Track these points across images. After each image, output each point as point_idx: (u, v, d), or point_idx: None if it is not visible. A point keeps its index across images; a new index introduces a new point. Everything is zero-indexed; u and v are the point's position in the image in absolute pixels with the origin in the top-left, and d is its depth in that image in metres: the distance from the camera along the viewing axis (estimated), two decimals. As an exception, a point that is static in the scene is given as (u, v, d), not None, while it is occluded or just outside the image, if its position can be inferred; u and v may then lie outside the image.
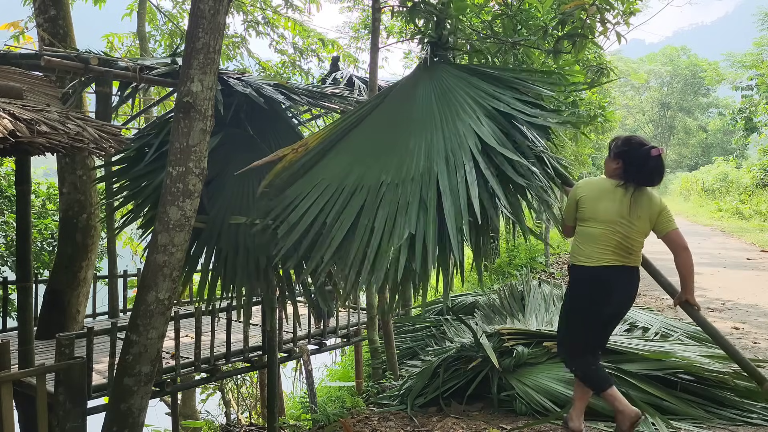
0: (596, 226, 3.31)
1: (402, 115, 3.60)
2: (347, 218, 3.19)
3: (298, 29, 10.92)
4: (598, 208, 3.32)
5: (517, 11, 5.49)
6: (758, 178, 22.79)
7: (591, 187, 3.42)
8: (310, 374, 5.40)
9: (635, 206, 3.29)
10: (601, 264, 3.29)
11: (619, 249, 3.29)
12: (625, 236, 3.29)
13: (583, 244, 3.36)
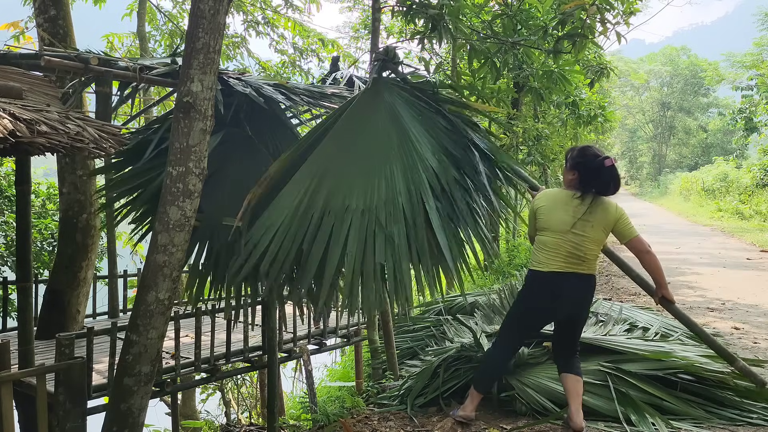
0: (550, 236, 3.54)
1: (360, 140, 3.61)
2: (320, 244, 3.25)
3: (298, 29, 10.93)
4: (551, 219, 3.54)
5: (517, 11, 5.49)
6: (758, 178, 22.78)
7: (548, 198, 3.64)
8: (310, 374, 5.40)
9: (588, 216, 3.48)
10: (552, 270, 3.52)
11: (570, 257, 3.50)
12: (576, 245, 3.49)
13: (539, 251, 3.60)
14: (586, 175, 3.51)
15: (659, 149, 49.15)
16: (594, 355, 4.34)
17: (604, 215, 3.51)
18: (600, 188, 3.51)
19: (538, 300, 3.65)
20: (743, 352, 5.47)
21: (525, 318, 3.78)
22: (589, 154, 3.55)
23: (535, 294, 3.65)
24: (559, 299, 3.56)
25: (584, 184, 3.52)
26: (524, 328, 3.84)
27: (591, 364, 4.23)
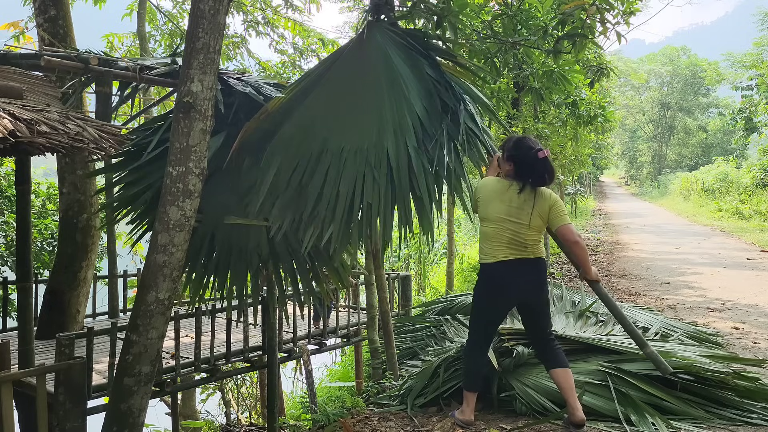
0: (489, 226, 3.66)
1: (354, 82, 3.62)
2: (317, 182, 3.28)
3: (298, 29, 10.92)
4: (489, 209, 3.66)
5: (517, 11, 5.49)
6: (758, 178, 22.78)
7: (487, 189, 3.71)
8: (310, 374, 5.40)
9: (523, 204, 3.60)
10: (498, 260, 3.62)
11: (512, 244, 3.61)
12: (515, 232, 3.60)
13: (483, 243, 3.72)
14: (522, 166, 3.63)
15: (659, 149, 49.17)
16: (594, 355, 4.35)
17: (539, 202, 3.62)
18: (535, 180, 3.62)
19: (492, 292, 3.73)
20: (743, 352, 5.47)
21: (486, 313, 3.83)
22: (523, 146, 3.66)
23: (488, 287, 3.74)
24: (511, 287, 3.66)
25: (520, 175, 3.63)
26: (489, 322, 3.88)
27: (591, 364, 4.23)
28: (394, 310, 6.77)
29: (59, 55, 4.38)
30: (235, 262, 3.73)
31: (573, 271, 11.37)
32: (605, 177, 56.52)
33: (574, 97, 9.92)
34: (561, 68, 5.78)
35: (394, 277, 6.73)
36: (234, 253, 3.71)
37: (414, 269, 13.80)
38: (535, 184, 3.62)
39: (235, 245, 3.72)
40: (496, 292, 3.73)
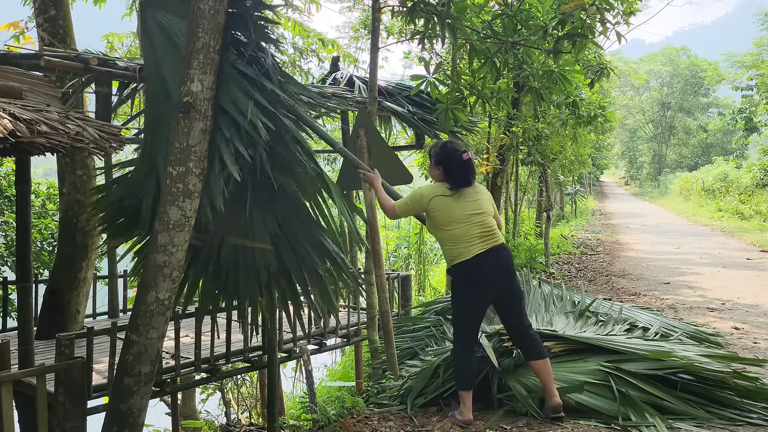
0: (457, 227, 3.80)
1: None
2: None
3: (298, 29, 10.92)
4: (453, 212, 3.81)
5: (517, 11, 5.49)
6: (758, 178, 22.78)
7: (438, 198, 3.87)
8: (310, 374, 5.40)
9: (476, 195, 3.89)
10: (475, 254, 3.77)
11: (482, 236, 3.80)
12: (482, 224, 3.82)
13: (452, 246, 3.84)
14: (449, 169, 3.88)
15: (659, 149, 49.17)
16: (594, 355, 4.34)
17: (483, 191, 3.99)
18: (463, 180, 3.87)
19: (473, 287, 3.83)
20: (743, 352, 5.47)
21: (469, 309, 3.92)
22: (448, 149, 3.95)
23: (469, 283, 3.84)
24: (491, 274, 3.79)
25: (451, 177, 3.88)
26: (473, 319, 3.96)
27: (591, 364, 4.23)
28: (394, 310, 6.77)
29: (59, 55, 4.39)
30: (243, 276, 3.66)
31: (573, 271, 11.37)
32: (605, 177, 56.51)
33: (574, 97, 9.92)
34: (561, 68, 5.78)
35: (394, 277, 6.73)
36: (241, 268, 3.65)
37: (414, 269, 13.80)
38: (463, 184, 3.87)
39: (242, 260, 3.66)
40: (479, 285, 3.82)
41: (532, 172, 15.23)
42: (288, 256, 3.68)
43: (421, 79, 5.73)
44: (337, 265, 3.84)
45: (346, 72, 7.14)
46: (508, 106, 6.76)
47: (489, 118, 10.24)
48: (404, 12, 5.22)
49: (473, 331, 4.00)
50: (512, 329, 4.06)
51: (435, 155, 3.99)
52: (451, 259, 3.88)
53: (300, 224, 3.83)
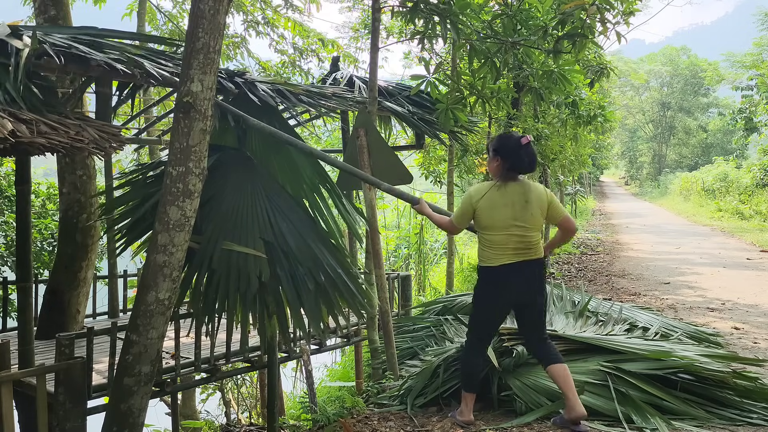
0: (495, 233, 3.67)
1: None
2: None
3: (298, 29, 10.92)
4: (494, 216, 3.67)
5: (517, 11, 5.49)
6: (758, 178, 22.78)
7: (486, 198, 3.71)
8: (310, 374, 5.40)
9: (526, 205, 3.66)
10: (503, 263, 3.66)
11: (517, 249, 3.66)
12: (521, 236, 3.66)
13: (486, 249, 3.73)
14: (507, 156, 3.69)
15: (659, 149, 49.17)
16: (594, 355, 4.34)
17: (538, 200, 3.69)
18: (522, 167, 3.69)
19: (494, 294, 3.76)
20: (743, 352, 5.47)
21: (487, 314, 3.85)
22: (506, 137, 3.85)
23: (490, 289, 3.77)
24: (514, 288, 3.70)
25: (508, 167, 3.70)
26: (489, 324, 3.91)
27: (591, 364, 4.23)
28: (394, 310, 6.77)
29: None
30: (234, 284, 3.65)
31: (573, 271, 11.37)
32: (605, 177, 56.52)
33: (574, 97, 9.92)
34: (561, 68, 5.78)
35: (394, 277, 6.73)
36: (233, 276, 3.64)
37: (414, 269, 13.80)
38: (521, 170, 3.71)
39: (234, 267, 3.65)
40: (500, 294, 3.74)
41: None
42: (281, 266, 3.68)
43: (421, 79, 5.73)
44: (332, 283, 3.83)
45: (346, 72, 7.14)
46: (508, 106, 6.75)
47: (489, 118, 10.23)
48: (404, 12, 5.22)
49: (486, 334, 3.95)
50: (529, 337, 3.96)
51: (492, 146, 3.83)
52: (481, 260, 3.80)
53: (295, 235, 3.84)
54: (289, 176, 4.36)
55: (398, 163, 5.59)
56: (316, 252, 3.85)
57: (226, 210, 3.79)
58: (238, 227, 3.75)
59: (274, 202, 3.93)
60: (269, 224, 3.81)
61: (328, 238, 4.07)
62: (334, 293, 3.86)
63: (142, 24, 9.78)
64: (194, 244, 3.41)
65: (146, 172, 4.06)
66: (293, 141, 4.21)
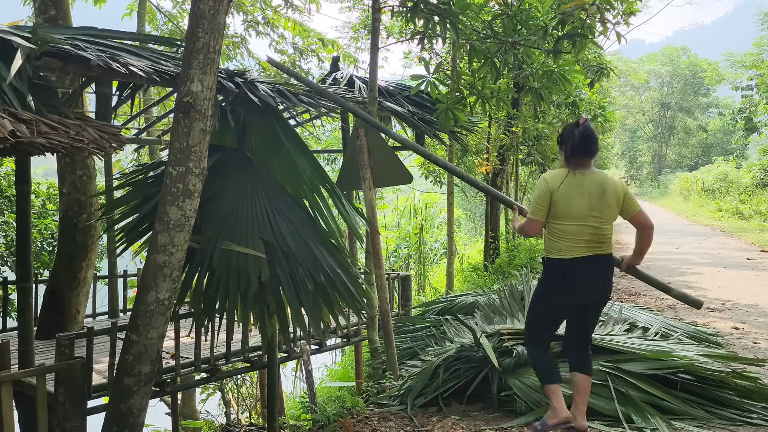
0: (569, 223, 3.46)
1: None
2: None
3: (298, 29, 10.92)
4: (571, 206, 3.46)
5: (517, 11, 5.49)
6: (758, 178, 22.79)
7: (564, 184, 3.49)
8: (310, 374, 5.40)
9: (603, 195, 3.46)
10: (574, 256, 3.46)
11: (590, 242, 3.47)
12: (596, 229, 3.46)
13: (557, 240, 3.51)
14: (568, 140, 3.53)
15: (659, 149, 49.15)
16: (594, 355, 4.34)
17: (614, 191, 3.48)
18: (581, 147, 3.47)
19: (560, 288, 3.54)
20: (743, 352, 5.47)
21: (545, 308, 3.66)
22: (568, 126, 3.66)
23: (557, 283, 3.55)
24: (583, 284, 3.49)
25: (569, 149, 3.51)
26: (545, 318, 3.70)
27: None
28: (394, 310, 6.77)
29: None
30: (234, 285, 3.65)
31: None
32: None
33: (574, 97, 9.92)
34: (561, 68, 5.78)
35: (394, 277, 6.73)
36: (233, 276, 3.63)
37: (414, 269, 13.80)
38: (585, 153, 3.48)
39: (234, 267, 3.65)
40: (567, 288, 3.51)
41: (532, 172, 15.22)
42: (281, 266, 3.68)
43: (421, 79, 5.73)
44: (332, 283, 3.84)
45: (346, 72, 7.14)
46: (508, 106, 6.75)
47: (489, 118, 10.24)
48: (404, 12, 5.22)
49: (542, 329, 3.74)
50: (570, 339, 3.75)
51: (559, 136, 3.68)
52: (549, 251, 3.56)
53: (294, 235, 3.85)
54: (288, 176, 4.35)
55: (398, 163, 5.59)
56: (316, 252, 3.85)
57: (226, 210, 3.79)
58: (238, 227, 3.75)
59: (273, 203, 3.93)
60: (269, 224, 3.82)
61: (328, 239, 4.07)
62: (333, 293, 3.86)
63: (142, 24, 9.79)
64: (194, 244, 3.41)
65: (147, 173, 4.06)
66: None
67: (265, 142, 4.37)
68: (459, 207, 18.66)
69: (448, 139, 8.44)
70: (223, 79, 4.21)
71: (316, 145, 13.28)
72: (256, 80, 4.54)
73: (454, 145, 9.11)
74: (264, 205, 3.89)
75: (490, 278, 10.57)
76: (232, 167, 4.00)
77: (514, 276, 8.85)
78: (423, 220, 14.09)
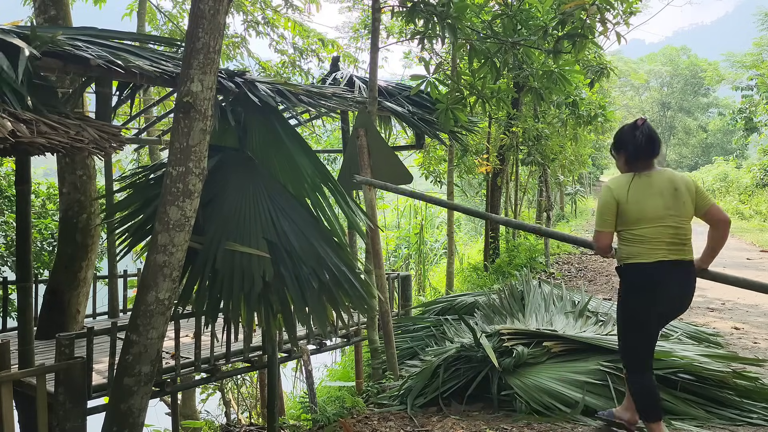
0: (647, 226, 3.21)
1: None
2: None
3: (298, 29, 10.92)
4: (644, 208, 3.22)
5: (517, 11, 5.49)
6: (758, 178, 22.80)
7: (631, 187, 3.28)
8: (310, 374, 5.40)
9: (676, 193, 3.23)
10: (657, 260, 3.18)
11: (672, 245, 3.20)
12: (676, 229, 3.21)
13: (636, 245, 3.24)
14: (628, 145, 3.32)
15: (659, 149, 49.18)
16: (594, 355, 4.35)
17: (686, 187, 3.28)
18: (644, 150, 3.28)
19: (642, 297, 3.23)
20: (743, 352, 5.47)
21: (637, 324, 3.29)
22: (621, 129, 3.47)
23: (638, 291, 3.25)
24: (669, 291, 3.21)
25: (631, 153, 3.31)
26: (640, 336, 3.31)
27: (591, 364, 4.23)
28: (394, 310, 6.77)
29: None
30: (238, 285, 3.64)
31: (573, 271, 11.36)
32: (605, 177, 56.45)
33: (574, 97, 9.93)
34: (561, 68, 5.78)
35: (394, 277, 6.73)
36: (236, 276, 3.63)
37: (414, 269, 13.80)
38: (648, 155, 3.29)
39: (238, 267, 3.65)
40: (651, 296, 3.22)
41: (532, 172, 15.23)
42: (285, 266, 3.68)
43: (421, 79, 5.73)
44: (337, 281, 3.84)
45: (346, 72, 7.14)
46: (508, 106, 6.76)
47: (489, 118, 10.24)
48: (404, 12, 5.23)
49: (641, 351, 3.32)
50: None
51: (612, 146, 3.49)
52: (626, 257, 3.26)
53: (298, 234, 3.85)
54: (290, 175, 4.36)
55: (398, 163, 5.59)
56: (320, 251, 3.85)
57: (228, 211, 3.79)
58: (241, 227, 3.75)
59: (276, 202, 3.93)
60: (272, 224, 3.81)
61: (331, 237, 4.07)
62: (338, 291, 3.86)
63: (142, 24, 9.79)
64: (195, 244, 3.41)
65: (148, 174, 4.07)
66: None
67: (266, 142, 4.37)
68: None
69: (448, 139, 8.44)
70: (223, 79, 4.21)
71: (316, 145, 13.29)
72: (256, 80, 4.54)
73: (454, 145, 9.11)
74: (266, 205, 3.89)
75: (490, 278, 10.57)
76: (233, 167, 4.00)
77: (514, 276, 8.85)
78: (423, 220, 14.09)
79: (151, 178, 4.02)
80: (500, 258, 11.48)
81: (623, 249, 3.29)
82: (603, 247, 3.36)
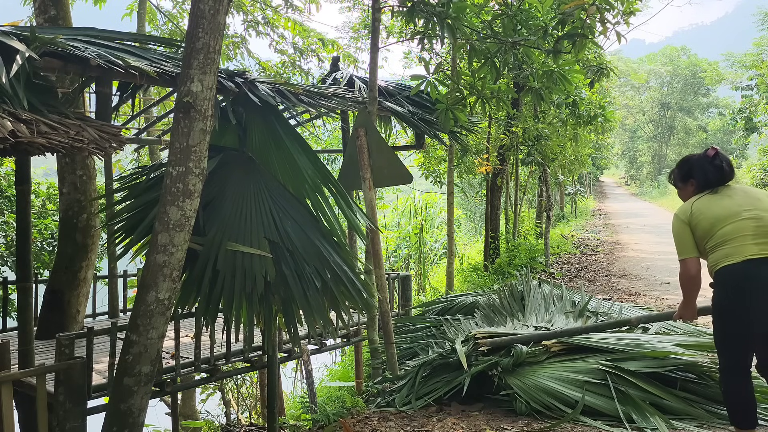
0: (724, 225, 3.09)
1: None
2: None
3: (298, 29, 10.92)
4: (715, 212, 3.13)
5: (517, 11, 5.49)
6: (758, 178, 22.77)
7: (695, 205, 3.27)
8: (310, 374, 5.40)
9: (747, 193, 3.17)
10: (746, 258, 3.00)
11: (758, 236, 3.01)
12: (758, 219, 3.04)
13: (719, 249, 3.11)
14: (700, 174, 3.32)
15: (659, 149, 49.17)
16: (594, 355, 4.35)
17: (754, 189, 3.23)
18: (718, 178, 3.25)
19: (734, 300, 3.05)
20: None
21: (731, 331, 3.11)
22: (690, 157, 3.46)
23: (730, 294, 3.07)
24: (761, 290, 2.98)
25: (703, 183, 3.28)
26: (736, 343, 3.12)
27: (591, 364, 4.23)
28: (394, 310, 6.77)
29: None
30: (240, 285, 3.63)
31: (573, 271, 11.36)
32: (605, 177, 56.51)
33: (574, 97, 9.92)
34: (561, 68, 5.78)
35: (394, 277, 6.73)
36: (238, 276, 3.62)
37: (414, 269, 13.80)
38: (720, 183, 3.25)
39: (239, 267, 3.64)
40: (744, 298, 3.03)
41: (532, 172, 15.23)
42: (287, 265, 3.68)
43: (421, 79, 5.73)
44: (339, 280, 3.84)
45: (346, 72, 7.13)
46: (508, 106, 6.75)
47: (489, 118, 10.24)
48: (404, 12, 5.23)
49: (738, 358, 3.11)
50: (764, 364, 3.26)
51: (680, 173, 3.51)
52: (714, 264, 3.12)
53: (300, 233, 3.85)
54: (290, 176, 4.35)
55: (398, 163, 5.59)
56: (322, 250, 3.84)
57: (229, 211, 3.79)
58: (243, 228, 3.75)
59: (277, 202, 3.93)
60: (273, 224, 3.81)
61: (332, 236, 4.07)
62: (340, 291, 3.86)
63: (142, 24, 9.79)
64: (195, 245, 3.41)
65: (149, 174, 4.06)
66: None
67: (266, 142, 4.37)
68: (459, 207, 18.67)
69: (448, 139, 8.44)
70: (223, 79, 4.21)
71: (316, 145, 13.29)
72: (256, 80, 4.54)
73: (454, 145, 9.11)
74: (268, 205, 3.88)
75: (490, 278, 10.57)
76: (234, 168, 4.00)
77: (514, 276, 8.85)
78: (423, 220, 14.09)
79: (150, 178, 4.02)
80: (500, 258, 11.48)
81: (711, 258, 3.17)
82: (692, 273, 3.28)
